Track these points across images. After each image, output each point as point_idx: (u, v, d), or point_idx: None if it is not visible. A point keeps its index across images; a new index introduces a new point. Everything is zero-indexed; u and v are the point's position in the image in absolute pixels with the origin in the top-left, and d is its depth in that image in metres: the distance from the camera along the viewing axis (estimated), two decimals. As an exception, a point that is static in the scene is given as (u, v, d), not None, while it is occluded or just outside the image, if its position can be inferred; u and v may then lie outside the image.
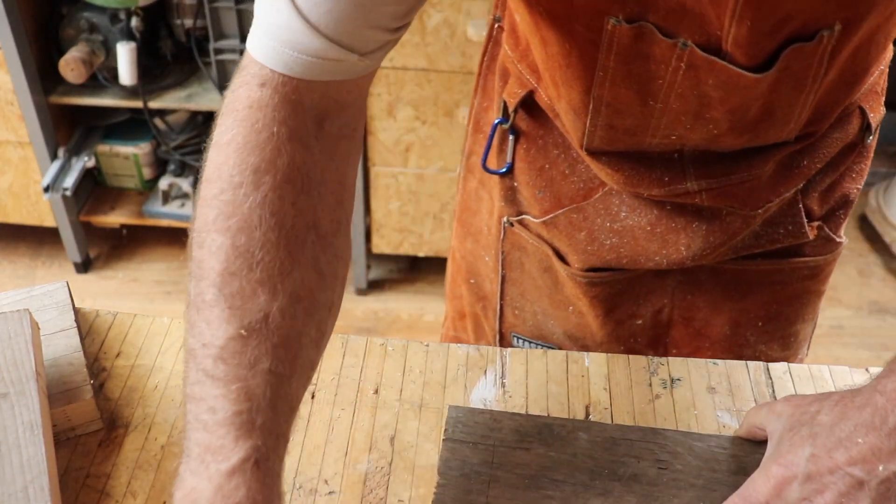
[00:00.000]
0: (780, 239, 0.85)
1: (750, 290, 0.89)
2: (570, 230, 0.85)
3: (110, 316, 0.84)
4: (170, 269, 2.38)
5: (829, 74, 0.68)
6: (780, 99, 0.69)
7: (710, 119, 0.70)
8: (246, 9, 1.94)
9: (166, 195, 2.25)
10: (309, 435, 0.73)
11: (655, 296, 0.90)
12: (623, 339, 0.92)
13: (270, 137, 0.57)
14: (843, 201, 0.87)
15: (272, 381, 0.54)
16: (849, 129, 0.81)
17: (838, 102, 0.75)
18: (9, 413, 0.66)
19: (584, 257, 0.86)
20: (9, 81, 1.97)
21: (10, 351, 0.70)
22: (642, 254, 0.84)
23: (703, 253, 0.83)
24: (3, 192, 2.21)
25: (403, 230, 2.18)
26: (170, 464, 0.71)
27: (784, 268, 0.88)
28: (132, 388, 0.77)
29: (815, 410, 0.61)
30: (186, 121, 2.18)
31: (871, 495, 0.57)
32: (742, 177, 0.77)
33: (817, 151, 0.80)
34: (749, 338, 0.92)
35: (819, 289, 0.92)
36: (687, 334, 0.92)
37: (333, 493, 0.69)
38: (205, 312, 0.55)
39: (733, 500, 0.61)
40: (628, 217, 0.83)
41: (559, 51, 0.71)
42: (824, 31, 0.62)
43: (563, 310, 0.92)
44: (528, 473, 0.69)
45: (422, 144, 2.01)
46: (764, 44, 0.63)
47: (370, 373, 0.79)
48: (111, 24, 1.97)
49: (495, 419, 0.73)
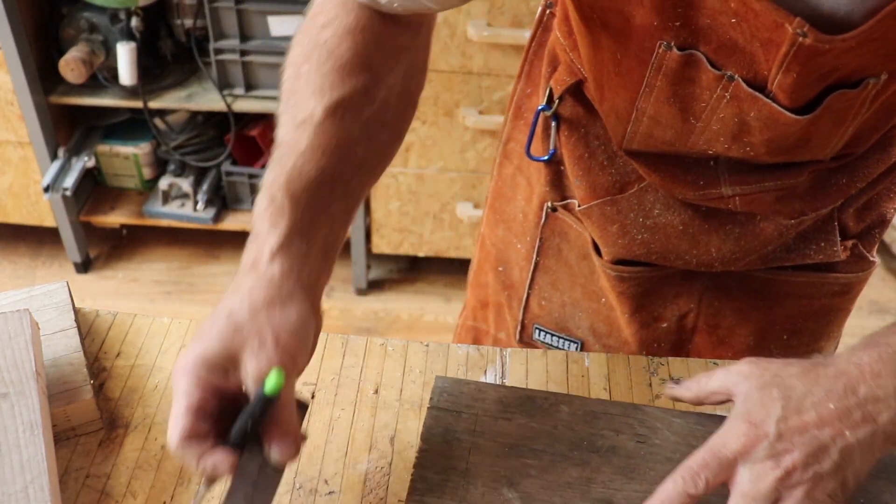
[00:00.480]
0: (811, 255, 0.84)
1: (778, 302, 0.89)
2: (603, 222, 0.85)
3: (110, 316, 0.84)
4: (170, 269, 2.38)
5: (871, 110, 0.69)
6: (820, 131, 0.70)
7: (748, 143, 0.71)
8: (246, 9, 1.94)
9: (166, 195, 2.24)
10: (309, 435, 0.73)
11: (682, 299, 0.90)
12: (646, 343, 0.92)
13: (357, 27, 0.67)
14: (879, 220, 0.86)
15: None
16: (891, 151, 0.81)
17: (878, 129, 0.75)
18: (9, 413, 0.66)
19: (614, 250, 0.86)
20: (9, 81, 1.97)
21: (10, 351, 0.70)
22: (672, 251, 0.84)
23: (733, 257, 0.83)
24: (3, 192, 2.21)
25: (403, 230, 2.18)
26: (170, 464, 0.71)
27: (815, 281, 0.87)
28: (132, 388, 0.77)
29: (786, 374, 0.62)
30: (186, 121, 2.18)
31: (834, 458, 0.58)
32: (776, 184, 0.77)
33: (856, 171, 0.80)
34: (773, 351, 0.91)
35: (847, 307, 0.91)
36: (710, 342, 0.92)
37: (333, 493, 0.69)
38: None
39: (702, 454, 0.61)
40: (661, 215, 0.83)
41: (610, 58, 0.72)
42: (870, 80, 0.63)
43: (595, 301, 0.93)
44: (509, 442, 0.71)
45: (422, 144, 2.01)
46: (807, 92, 0.64)
47: (370, 373, 0.79)
48: (111, 24, 1.97)
49: (480, 389, 0.75)
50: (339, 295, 2.32)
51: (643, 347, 0.92)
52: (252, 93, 2.03)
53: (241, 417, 0.58)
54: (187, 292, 2.32)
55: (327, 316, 2.27)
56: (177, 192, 2.26)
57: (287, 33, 1.96)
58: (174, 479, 0.70)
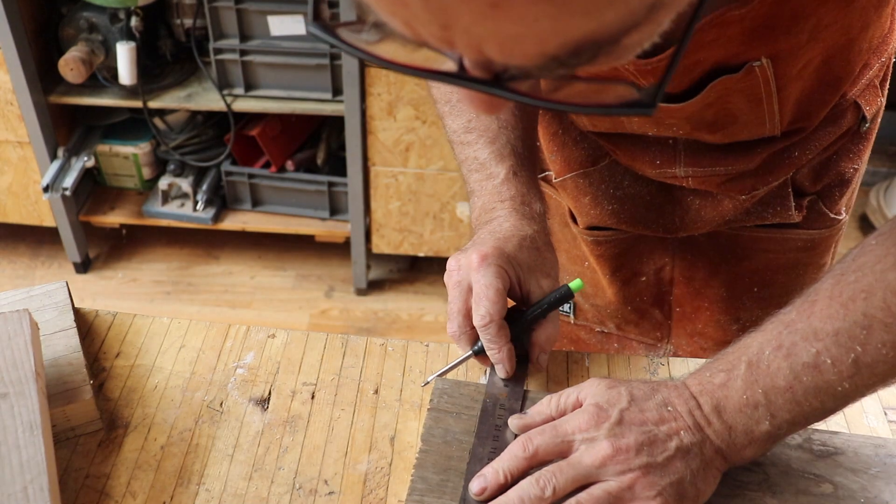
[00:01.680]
0: (768, 217, 0.88)
1: (744, 256, 0.92)
2: (577, 193, 0.90)
3: (110, 316, 0.84)
4: (169, 269, 2.38)
5: (794, 85, 0.71)
6: (740, 108, 0.72)
7: (672, 123, 0.76)
8: (246, 8, 1.94)
9: (166, 195, 2.24)
10: (309, 435, 0.73)
11: (657, 254, 0.94)
12: (630, 299, 0.96)
13: None
14: (838, 180, 0.89)
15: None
16: (842, 123, 0.83)
17: (825, 101, 0.77)
18: (8, 413, 0.66)
19: (587, 219, 0.91)
20: (8, 81, 1.97)
21: (9, 351, 0.70)
22: (641, 220, 0.89)
23: (695, 225, 0.88)
24: (3, 191, 2.21)
25: (403, 230, 2.18)
26: (170, 464, 0.71)
27: (777, 237, 0.90)
28: (132, 388, 0.77)
29: (634, 384, 0.67)
30: (186, 121, 2.18)
31: (668, 454, 0.62)
32: (727, 170, 0.81)
33: (808, 144, 0.82)
34: (745, 302, 0.95)
35: (816, 261, 0.94)
36: (688, 293, 0.96)
37: (333, 494, 0.69)
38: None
39: (546, 426, 0.65)
40: (631, 186, 0.88)
41: None
42: (753, 63, 0.66)
43: (579, 264, 0.97)
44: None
45: (422, 144, 2.01)
46: (681, 80, 0.68)
47: (370, 373, 0.79)
48: (111, 23, 1.97)
49: (479, 391, 0.75)
50: (339, 295, 2.32)
51: (627, 303, 0.96)
52: (252, 92, 2.03)
53: (539, 305, 0.72)
54: (187, 292, 2.32)
55: (327, 316, 2.28)
56: (176, 192, 2.26)
57: (287, 33, 1.95)
58: (174, 479, 0.70)
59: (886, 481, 0.68)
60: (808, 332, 0.62)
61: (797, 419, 0.62)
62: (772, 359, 0.62)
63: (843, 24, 0.67)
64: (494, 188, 0.77)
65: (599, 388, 0.67)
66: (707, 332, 0.97)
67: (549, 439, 0.64)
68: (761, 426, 0.62)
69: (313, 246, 2.37)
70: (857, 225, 2.46)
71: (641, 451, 0.62)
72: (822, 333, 0.61)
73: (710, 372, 0.65)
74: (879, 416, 0.75)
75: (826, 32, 0.66)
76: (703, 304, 0.96)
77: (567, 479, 0.62)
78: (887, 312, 0.58)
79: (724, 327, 0.96)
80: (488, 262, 0.69)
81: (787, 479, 0.68)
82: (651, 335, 0.99)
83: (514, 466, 0.64)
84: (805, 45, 0.67)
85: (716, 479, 0.65)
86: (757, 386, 0.62)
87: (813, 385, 0.61)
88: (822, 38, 0.67)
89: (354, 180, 2.10)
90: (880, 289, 0.59)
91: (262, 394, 0.77)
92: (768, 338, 0.64)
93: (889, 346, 0.59)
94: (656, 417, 0.64)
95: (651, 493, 0.61)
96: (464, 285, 0.71)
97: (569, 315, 1.01)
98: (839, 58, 0.71)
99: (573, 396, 0.68)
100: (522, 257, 0.71)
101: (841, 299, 0.60)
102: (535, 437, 0.64)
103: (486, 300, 0.68)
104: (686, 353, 0.99)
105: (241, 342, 0.81)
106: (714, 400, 0.63)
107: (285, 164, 2.18)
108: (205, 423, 0.74)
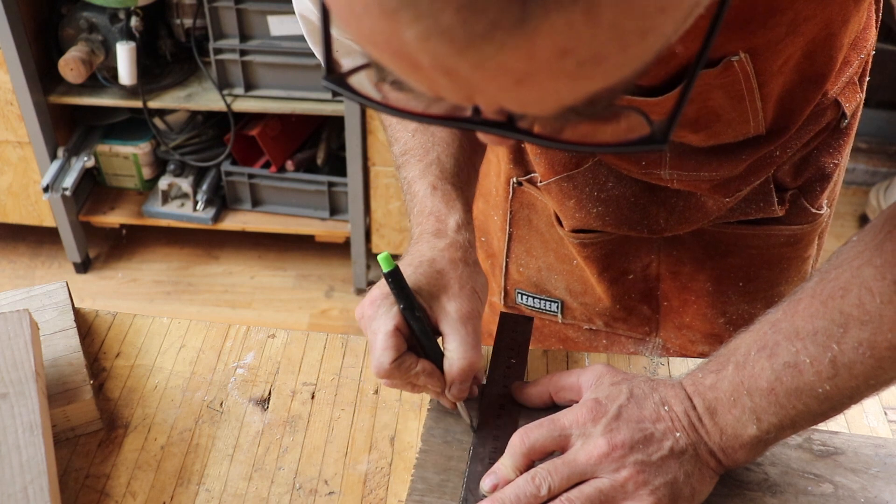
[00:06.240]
0: (751, 213, 0.88)
1: (729, 252, 0.93)
2: (562, 197, 0.90)
3: (110, 316, 0.84)
4: (169, 269, 2.38)
5: (776, 81, 0.71)
6: (722, 106, 0.72)
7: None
8: (245, 8, 1.94)
9: (166, 195, 2.24)
10: (309, 435, 0.73)
11: (643, 252, 0.94)
12: (619, 297, 0.96)
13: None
14: (818, 174, 0.89)
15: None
16: (822, 120, 0.83)
17: (808, 99, 0.77)
18: (8, 413, 0.66)
19: (572, 222, 0.91)
20: (8, 81, 1.97)
21: (9, 351, 0.70)
22: (625, 222, 0.89)
23: (679, 226, 0.88)
24: (3, 191, 2.21)
25: (403, 230, 2.18)
26: (170, 464, 0.71)
27: (760, 233, 0.90)
28: (132, 388, 0.77)
29: (635, 380, 0.67)
30: (186, 120, 2.18)
31: (663, 453, 0.63)
32: (711, 175, 0.81)
33: (789, 143, 0.83)
34: (731, 296, 0.95)
35: (800, 255, 0.94)
36: (675, 287, 0.96)
37: (333, 494, 0.69)
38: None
39: (543, 419, 0.66)
40: (615, 187, 0.88)
41: None
42: (731, 58, 0.66)
43: (567, 263, 0.97)
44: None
45: (421, 144, 2.01)
46: (657, 73, 0.67)
47: (370, 373, 0.79)
48: (111, 23, 1.97)
49: (479, 391, 0.75)
50: (339, 295, 2.32)
51: (616, 300, 0.97)
52: (252, 92, 2.03)
53: (414, 319, 0.68)
54: (187, 292, 2.32)
55: (327, 316, 2.27)
56: (176, 192, 2.26)
57: (287, 33, 1.95)
58: (174, 479, 0.70)
59: (886, 481, 0.68)
60: (791, 331, 0.62)
61: (784, 423, 0.62)
62: (756, 359, 0.62)
63: (823, 17, 0.67)
64: (417, 207, 0.78)
65: (602, 382, 0.67)
66: (695, 325, 0.97)
67: (546, 433, 0.65)
68: (749, 429, 0.62)
69: (313, 246, 2.37)
70: (858, 224, 2.46)
71: (636, 449, 0.62)
72: (802, 332, 0.61)
73: (702, 373, 0.65)
74: (879, 416, 0.75)
75: (805, 26, 0.66)
76: (689, 298, 0.96)
77: (562, 478, 0.62)
78: (862, 310, 0.58)
79: (711, 321, 0.96)
80: (377, 305, 0.68)
81: (787, 479, 0.68)
82: (639, 330, 1.00)
83: (520, 463, 0.65)
84: (784, 40, 0.67)
85: (712, 480, 0.65)
86: (742, 387, 0.62)
87: (794, 386, 0.61)
88: (801, 32, 0.67)
89: (354, 180, 2.10)
90: (856, 285, 0.58)
91: (262, 394, 0.77)
92: (755, 338, 0.64)
93: (866, 346, 0.58)
94: (653, 416, 0.64)
95: (644, 491, 0.61)
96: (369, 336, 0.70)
97: (556, 314, 1.01)
98: (820, 53, 0.71)
99: (577, 382, 0.69)
100: (422, 283, 0.70)
101: (821, 297, 0.60)
102: (532, 430, 0.65)
103: (376, 349, 0.67)
104: (675, 346, 0.99)
105: (241, 342, 0.82)
106: (706, 401, 0.64)
107: (285, 164, 2.18)
108: (205, 423, 0.74)
